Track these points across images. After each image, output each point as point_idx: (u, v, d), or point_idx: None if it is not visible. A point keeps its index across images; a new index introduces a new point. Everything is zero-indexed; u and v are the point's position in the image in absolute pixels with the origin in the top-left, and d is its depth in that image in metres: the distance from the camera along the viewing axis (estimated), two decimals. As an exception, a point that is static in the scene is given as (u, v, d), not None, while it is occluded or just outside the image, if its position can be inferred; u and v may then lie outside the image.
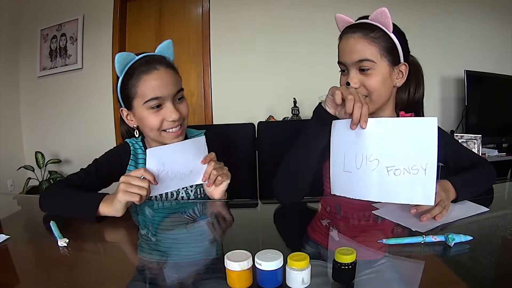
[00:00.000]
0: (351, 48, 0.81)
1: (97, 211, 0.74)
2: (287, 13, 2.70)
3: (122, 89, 0.87)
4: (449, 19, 2.65)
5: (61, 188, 0.85)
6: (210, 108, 2.84)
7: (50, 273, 0.56)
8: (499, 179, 1.00)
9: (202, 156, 0.84)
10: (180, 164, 0.81)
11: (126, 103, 0.88)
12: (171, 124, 0.86)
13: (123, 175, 0.75)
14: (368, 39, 0.80)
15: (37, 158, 2.90)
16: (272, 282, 0.46)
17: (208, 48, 2.79)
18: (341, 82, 0.88)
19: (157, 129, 0.86)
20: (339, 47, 0.86)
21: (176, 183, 0.82)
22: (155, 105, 0.84)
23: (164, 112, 0.85)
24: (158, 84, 0.83)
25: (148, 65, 0.84)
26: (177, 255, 0.62)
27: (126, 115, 0.91)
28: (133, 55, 0.86)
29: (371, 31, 0.80)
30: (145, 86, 0.83)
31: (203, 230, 0.73)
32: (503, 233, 0.63)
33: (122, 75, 0.86)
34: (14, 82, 3.10)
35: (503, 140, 2.51)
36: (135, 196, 0.72)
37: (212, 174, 0.83)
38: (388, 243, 0.57)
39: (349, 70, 0.83)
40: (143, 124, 0.87)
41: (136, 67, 0.85)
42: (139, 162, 0.95)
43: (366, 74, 0.81)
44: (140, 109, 0.86)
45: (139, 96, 0.84)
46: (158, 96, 0.83)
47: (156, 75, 0.84)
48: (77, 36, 2.93)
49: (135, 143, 0.98)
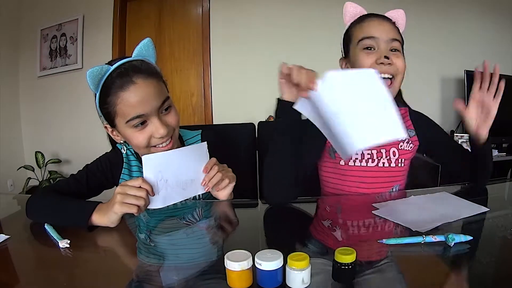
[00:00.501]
0: (385, 27, 0.83)
1: (90, 220, 0.70)
2: (287, 13, 2.70)
3: (101, 107, 0.78)
4: (449, 19, 2.65)
5: (50, 194, 0.79)
6: (210, 108, 2.84)
7: (50, 273, 0.56)
8: (499, 179, 1.00)
9: (205, 163, 0.79)
10: (181, 172, 0.76)
11: (108, 120, 0.80)
12: (159, 140, 0.79)
13: (119, 184, 0.71)
14: (395, 28, 0.85)
15: (37, 158, 2.90)
16: (272, 282, 0.46)
17: (208, 48, 2.79)
18: (365, 60, 0.82)
19: (144, 147, 0.79)
20: (365, 26, 0.84)
21: (179, 193, 0.77)
22: (138, 123, 0.76)
23: (150, 129, 0.77)
24: (138, 100, 0.74)
25: (124, 79, 0.74)
26: (177, 255, 0.62)
27: (111, 131, 0.84)
28: (107, 67, 0.75)
29: (393, 24, 0.85)
30: (124, 105, 0.74)
31: (203, 231, 0.73)
32: (503, 233, 0.63)
33: (98, 91, 0.76)
34: (14, 82, 3.10)
35: (503, 140, 2.51)
36: (132, 208, 0.68)
37: (216, 177, 0.79)
38: (388, 243, 0.57)
39: (380, 47, 0.82)
40: (129, 142, 0.82)
41: (111, 81, 0.75)
42: (133, 170, 0.92)
43: (396, 54, 0.83)
44: (123, 128, 0.78)
45: (119, 115, 0.76)
46: (140, 114, 0.75)
47: (134, 90, 0.74)
48: (77, 36, 2.92)
49: (128, 149, 0.93)
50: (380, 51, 0.82)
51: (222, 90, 2.82)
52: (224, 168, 0.82)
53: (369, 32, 0.82)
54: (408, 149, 0.93)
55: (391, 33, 0.83)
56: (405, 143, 0.92)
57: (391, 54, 0.82)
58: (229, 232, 0.74)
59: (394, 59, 0.82)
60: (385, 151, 0.90)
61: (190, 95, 2.89)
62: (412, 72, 2.53)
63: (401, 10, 0.85)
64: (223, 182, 0.80)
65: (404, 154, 0.92)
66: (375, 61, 0.81)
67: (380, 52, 0.81)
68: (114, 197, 0.69)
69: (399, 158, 0.91)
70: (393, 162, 0.90)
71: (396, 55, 0.83)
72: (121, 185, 0.71)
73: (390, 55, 0.81)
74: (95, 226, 0.71)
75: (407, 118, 0.96)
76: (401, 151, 0.91)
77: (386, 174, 0.91)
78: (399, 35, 0.85)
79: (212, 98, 2.83)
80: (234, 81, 2.78)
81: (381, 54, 0.81)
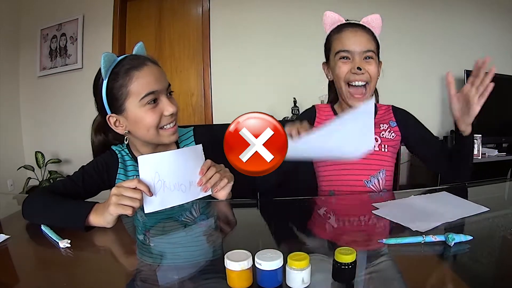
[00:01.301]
0: (360, 39, 0.92)
1: (87, 221, 0.70)
2: (287, 13, 2.70)
3: (109, 93, 0.82)
4: (449, 19, 2.65)
5: (46, 195, 0.79)
6: (210, 108, 2.84)
7: (50, 273, 0.56)
8: (499, 179, 1.00)
9: (201, 165, 0.80)
10: (178, 174, 0.76)
11: (114, 107, 0.83)
12: (168, 119, 0.84)
13: (115, 185, 0.71)
14: (369, 35, 0.94)
15: (37, 158, 2.90)
16: (272, 282, 0.46)
17: (208, 47, 2.79)
18: (342, 69, 0.94)
19: (155, 126, 0.82)
20: (341, 38, 0.94)
21: (178, 196, 0.76)
22: (151, 100, 0.81)
23: (161, 107, 0.82)
24: (152, 78, 0.81)
25: (137, 61, 0.81)
26: (177, 255, 0.62)
27: (115, 121, 0.85)
28: (115, 55, 0.82)
29: (368, 31, 0.94)
30: (139, 82, 0.80)
31: (203, 230, 0.73)
32: (503, 233, 0.63)
33: (106, 78, 0.81)
34: (14, 82, 3.10)
35: (503, 140, 2.51)
36: (127, 209, 0.68)
37: (214, 177, 0.79)
38: (388, 243, 0.57)
39: (354, 58, 0.92)
40: (138, 125, 0.83)
41: (123, 65, 0.81)
42: (128, 170, 0.92)
43: (369, 62, 0.93)
44: (134, 109, 0.81)
45: (132, 94, 0.80)
46: (154, 90, 0.81)
47: (147, 69, 0.81)
48: (77, 36, 2.92)
49: (121, 150, 0.94)
50: (354, 62, 0.92)
51: (222, 90, 2.82)
52: (221, 168, 0.83)
53: (344, 46, 0.93)
54: (390, 138, 1.00)
55: (364, 45, 0.92)
56: (387, 132, 1.00)
57: (364, 63, 0.92)
58: (229, 232, 0.74)
59: (367, 67, 0.92)
60: None
61: (190, 95, 2.89)
62: (412, 72, 2.55)
63: (377, 15, 0.93)
64: (222, 182, 0.81)
65: (386, 141, 0.99)
66: (349, 70, 0.93)
67: (354, 63, 0.92)
68: (109, 198, 0.69)
69: (382, 144, 0.99)
70: (376, 146, 0.98)
71: (369, 63, 0.93)
72: (117, 186, 0.70)
73: (363, 65, 0.92)
74: (91, 226, 0.70)
75: (390, 110, 1.04)
76: (383, 139, 0.99)
77: (372, 157, 0.97)
78: (373, 43, 0.94)
79: (212, 98, 2.83)
80: (234, 81, 2.78)
81: (354, 65, 0.92)
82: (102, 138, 0.97)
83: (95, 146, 0.98)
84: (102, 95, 0.82)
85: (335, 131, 0.73)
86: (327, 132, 0.73)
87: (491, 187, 0.93)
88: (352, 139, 0.72)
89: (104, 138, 0.96)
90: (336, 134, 0.73)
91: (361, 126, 0.72)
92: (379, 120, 1.02)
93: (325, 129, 0.73)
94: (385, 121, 1.02)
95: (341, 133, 0.73)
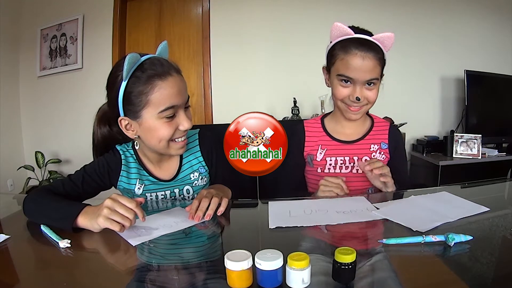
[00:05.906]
0: (366, 68, 0.88)
1: (75, 222, 0.68)
2: (287, 13, 2.70)
3: (126, 96, 0.77)
4: (449, 19, 2.65)
5: (43, 194, 0.79)
6: (210, 108, 2.84)
7: (50, 273, 0.56)
8: (499, 179, 1.00)
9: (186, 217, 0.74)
10: (163, 224, 0.72)
11: (129, 111, 0.79)
12: (181, 133, 0.82)
13: (112, 195, 0.68)
14: (377, 60, 0.89)
15: (37, 158, 2.90)
16: (272, 282, 0.46)
17: (208, 48, 2.79)
18: (341, 93, 0.92)
19: (168, 139, 0.80)
20: (347, 62, 0.89)
21: (167, 228, 0.70)
22: (170, 115, 0.78)
23: (178, 121, 0.80)
24: (175, 91, 0.77)
25: (162, 69, 0.76)
26: (177, 255, 0.62)
27: (126, 124, 0.82)
28: (139, 56, 0.76)
29: (377, 52, 0.88)
30: (161, 94, 0.75)
31: (203, 231, 0.73)
32: (503, 233, 0.63)
33: (127, 79, 0.75)
34: (14, 82, 3.10)
35: (503, 140, 2.51)
36: (116, 225, 0.65)
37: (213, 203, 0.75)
38: (388, 243, 0.57)
39: (356, 86, 0.90)
40: (150, 134, 0.80)
41: (146, 70, 0.75)
42: (131, 172, 0.91)
43: (370, 88, 0.91)
44: (151, 119, 0.78)
45: (151, 104, 0.76)
46: (174, 105, 0.77)
47: (172, 81, 0.77)
48: (77, 36, 2.92)
49: (126, 150, 0.92)
50: (354, 89, 0.90)
51: (222, 90, 2.82)
52: (211, 193, 0.78)
53: (347, 72, 0.89)
54: (381, 159, 0.99)
55: (369, 74, 0.88)
56: (378, 153, 1.01)
57: (364, 89, 0.91)
58: (229, 232, 0.74)
59: (367, 94, 0.91)
60: (357, 158, 0.98)
61: (190, 95, 2.84)
62: (412, 72, 2.57)
63: (391, 34, 0.87)
64: (223, 202, 0.78)
65: None
66: (348, 96, 0.92)
67: (354, 91, 0.90)
68: (102, 208, 0.66)
69: None
70: None
71: (369, 89, 0.91)
72: (113, 198, 0.67)
73: (363, 93, 0.90)
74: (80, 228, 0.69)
75: (386, 130, 1.04)
76: (373, 160, 0.97)
77: (360, 179, 0.98)
78: (378, 68, 0.90)
79: (212, 98, 2.83)
80: (234, 81, 2.78)
81: (354, 93, 0.90)
82: (106, 131, 0.93)
83: (97, 140, 0.94)
84: (118, 96, 0.78)
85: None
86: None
87: (491, 187, 0.93)
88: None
89: (109, 131, 0.92)
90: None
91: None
92: (373, 137, 1.01)
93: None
94: (378, 141, 1.01)
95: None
